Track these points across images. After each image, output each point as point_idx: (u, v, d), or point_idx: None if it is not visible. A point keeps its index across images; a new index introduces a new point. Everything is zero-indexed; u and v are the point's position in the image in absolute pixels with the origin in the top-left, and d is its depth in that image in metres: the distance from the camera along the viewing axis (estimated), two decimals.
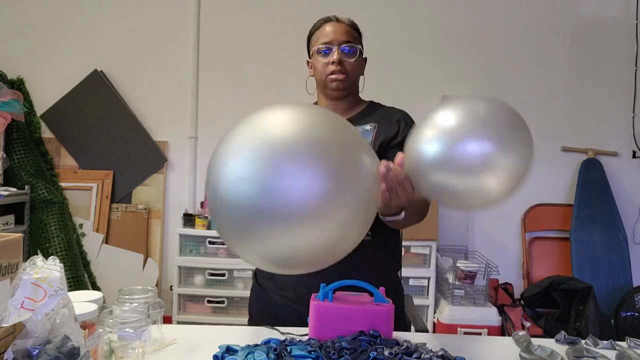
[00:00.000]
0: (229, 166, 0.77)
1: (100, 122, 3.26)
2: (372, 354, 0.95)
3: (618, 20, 3.23)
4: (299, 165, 0.75)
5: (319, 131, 0.81)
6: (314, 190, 0.75)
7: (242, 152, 0.77)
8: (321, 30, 1.37)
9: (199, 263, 2.95)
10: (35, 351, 0.73)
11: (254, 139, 0.78)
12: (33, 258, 0.84)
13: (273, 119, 0.83)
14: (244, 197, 0.73)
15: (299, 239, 0.76)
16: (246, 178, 0.74)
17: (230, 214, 0.75)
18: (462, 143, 0.88)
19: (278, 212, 0.73)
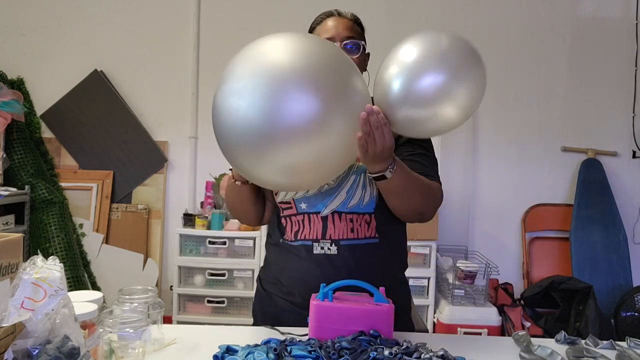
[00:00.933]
0: (234, 96, 0.87)
1: (100, 122, 3.26)
2: (372, 354, 0.95)
3: (618, 20, 3.23)
4: (296, 91, 0.85)
5: (314, 58, 0.89)
6: (307, 113, 0.86)
7: (246, 83, 0.87)
8: (323, 25, 1.34)
9: (199, 263, 2.95)
10: (35, 351, 0.73)
11: (255, 70, 0.87)
12: (33, 258, 0.84)
13: (272, 47, 0.92)
14: (250, 122, 0.85)
15: (294, 155, 0.86)
16: (250, 105, 0.84)
17: (237, 138, 0.88)
18: (421, 78, 0.97)
19: (277, 133, 0.84)
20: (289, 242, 1.30)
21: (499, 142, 3.27)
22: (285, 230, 1.31)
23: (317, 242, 1.27)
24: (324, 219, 1.27)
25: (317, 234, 1.27)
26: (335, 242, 1.26)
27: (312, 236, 1.27)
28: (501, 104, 3.27)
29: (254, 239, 2.93)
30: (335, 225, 1.26)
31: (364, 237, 1.27)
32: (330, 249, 1.26)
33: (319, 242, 1.27)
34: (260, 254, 2.91)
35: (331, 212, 1.27)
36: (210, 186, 3.12)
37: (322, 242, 1.27)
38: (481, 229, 3.27)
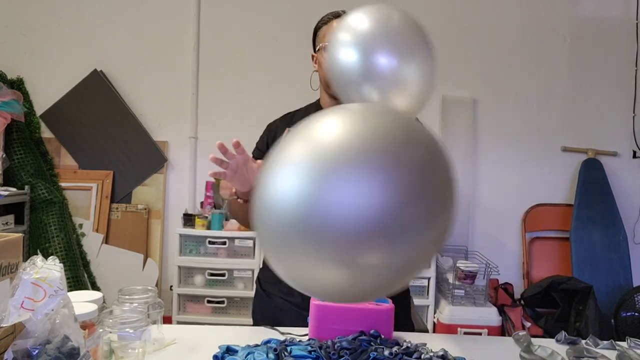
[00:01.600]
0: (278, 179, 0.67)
1: (100, 122, 3.26)
2: (372, 354, 0.95)
3: (618, 20, 3.23)
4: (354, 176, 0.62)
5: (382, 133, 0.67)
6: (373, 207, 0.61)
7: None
8: (329, 26, 1.34)
9: (199, 263, 2.95)
10: (35, 351, 0.73)
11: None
12: (33, 258, 0.84)
13: (327, 126, 0.69)
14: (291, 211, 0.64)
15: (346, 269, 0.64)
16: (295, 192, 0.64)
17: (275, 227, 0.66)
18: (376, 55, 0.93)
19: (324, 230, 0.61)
20: None
21: (499, 142, 3.27)
22: None
23: None
24: None
25: None
26: None
27: None
28: (501, 104, 3.27)
29: (253, 239, 2.93)
30: None
31: None
32: None
33: None
34: (260, 254, 2.91)
35: None
36: (210, 186, 3.12)
37: None
38: (481, 229, 3.27)
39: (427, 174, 0.65)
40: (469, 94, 3.25)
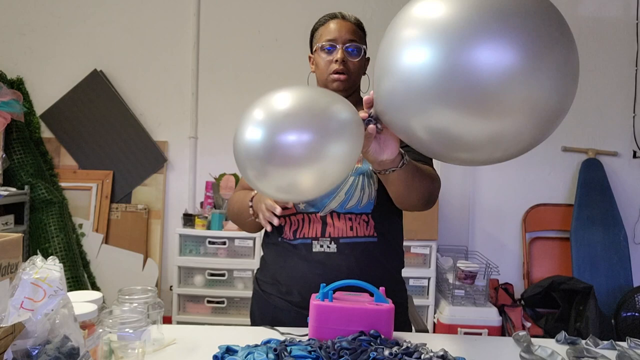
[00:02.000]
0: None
1: (100, 122, 3.26)
2: (372, 354, 0.95)
3: (618, 20, 3.23)
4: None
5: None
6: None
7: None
8: (326, 27, 1.34)
9: (199, 263, 2.95)
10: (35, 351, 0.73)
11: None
12: (33, 258, 0.84)
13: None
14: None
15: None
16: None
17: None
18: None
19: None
20: (287, 241, 1.30)
21: None
22: (283, 229, 1.32)
23: (317, 240, 1.27)
24: (323, 218, 1.28)
25: (316, 232, 1.27)
26: (335, 240, 1.27)
27: (312, 234, 1.27)
28: None
29: (253, 239, 2.93)
30: (335, 224, 1.27)
31: (363, 236, 1.28)
32: (330, 247, 1.26)
33: (319, 240, 1.27)
34: (260, 254, 2.90)
35: (330, 212, 1.27)
36: (210, 186, 3.12)
37: (321, 240, 1.27)
38: (481, 229, 3.27)
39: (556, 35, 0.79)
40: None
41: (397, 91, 0.82)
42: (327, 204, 1.27)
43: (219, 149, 3.27)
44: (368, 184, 1.27)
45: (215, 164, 3.23)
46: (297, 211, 1.29)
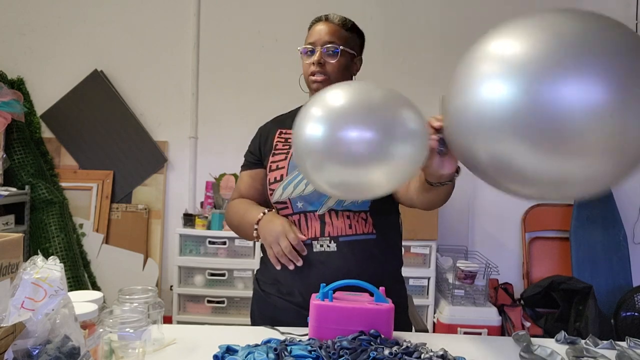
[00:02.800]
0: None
1: (100, 122, 3.26)
2: (372, 354, 0.95)
3: (618, 20, 3.23)
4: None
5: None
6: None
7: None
8: (310, 30, 1.37)
9: (199, 263, 2.95)
10: (36, 351, 0.73)
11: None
12: (33, 258, 0.84)
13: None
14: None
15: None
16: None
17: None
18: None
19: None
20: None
21: None
22: None
23: (317, 240, 1.27)
24: (321, 216, 1.28)
25: (315, 232, 1.28)
26: (335, 239, 1.27)
27: (311, 234, 1.28)
28: None
29: None
30: (333, 222, 1.27)
31: (362, 233, 1.28)
32: (330, 246, 1.27)
33: (318, 240, 1.27)
34: (260, 254, 2.91)
35: (328, 210, 1.27)
36: (210, 186, 3.12)
37: (321, 240, 1.27)
38: (481, 229, 3.27)
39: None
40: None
41: (470, 121, 0.80)
42: (324, 202, 1.28)
43: (219, 149, 3.27)
44: None
45: (215, 164, 3.23)
46: (294, 211, 1.29)
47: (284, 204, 1.31)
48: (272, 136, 1.41)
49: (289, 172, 1.32)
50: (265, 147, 1.41)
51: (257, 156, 1.44)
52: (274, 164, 1.35)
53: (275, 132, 1.42)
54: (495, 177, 0.85)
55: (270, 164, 1.36)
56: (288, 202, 1.30)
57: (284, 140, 1.39)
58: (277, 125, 1.45)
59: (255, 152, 1.45)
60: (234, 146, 3.24)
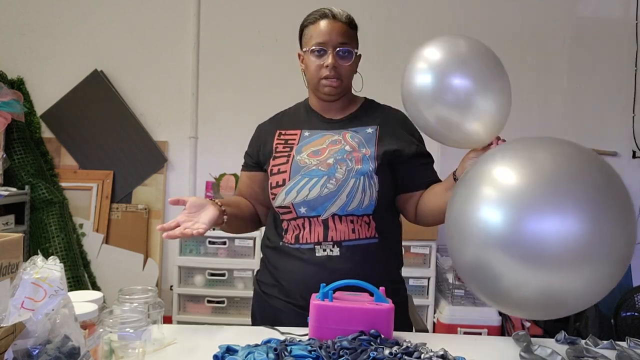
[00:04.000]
0: (480, 214, 0.90)
1: (100, 122, 3.26)
2: (372, 354, 0.95)
3: (618, 20, 3.23)
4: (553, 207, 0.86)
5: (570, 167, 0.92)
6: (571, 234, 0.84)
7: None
8: (316, 26, 1.30)
9: (199, 263, 2.95)
10: (36, 351, 0.73)
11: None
12: (33, 258, 0.84)
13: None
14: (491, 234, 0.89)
15: (549, 282, 0.85)
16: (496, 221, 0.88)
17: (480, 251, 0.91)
18: (451, 76, 1.07)
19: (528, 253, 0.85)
20: (289, 245, 1.30)
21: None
22: (285, 233, 1.31)
23: (319, 244, 1.26)
24: (324, 221, 1.27)
25: (318, 236, 1.27)
26: (338, 244, 1.26)
27: (314, 239, 1.27)
28: None
29: (253, 239, 2.93)
30: (337, 227, 1.26)
31: (365, 237, 1.27)
32: (333, 251, 1.26)
33: (321, 245, 1.26)
34: (260, 254, 2.90)
35: (331, 215, 1.26)
36: (210, 186, 3.12)
37: (324, 245, 1.26)
38: None
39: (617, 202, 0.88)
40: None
41: (465, 230, 0.93)
42: (328, 207, 1.26)
43: (219, 149, 3.27)
44: (369, 185, 1.27)
45: (215, 164, 3.23)
46: (297, 215, 1.28)
47: (287, 208, 1.29)
48: (271, 138, 1.39)
49: (292, 177, 1.29)
50: (265, 150, 1.39)
51: (254, 159, 1.42)
52: (275, 167, 1.33)
53: (274, 134, 1.39)
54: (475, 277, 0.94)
55: (272, 168, 1.33)
56: (291, 206, 1.28)
57: (284, 142, 1.36)
58: (275, 125, 1.42)
59: (253, 155, 1.43)
60: (234, 146, 3.24)
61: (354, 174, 1.26)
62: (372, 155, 1.29)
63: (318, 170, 1.27)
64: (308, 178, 1.27)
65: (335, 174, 1.26)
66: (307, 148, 1.32)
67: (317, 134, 1.34)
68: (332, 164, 1.27)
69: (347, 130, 1.34)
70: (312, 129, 1.36)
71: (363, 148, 1.30)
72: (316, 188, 1.26)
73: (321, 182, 1.26)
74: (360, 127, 1.35)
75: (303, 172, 1.28)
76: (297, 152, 1.32)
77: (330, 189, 1.25)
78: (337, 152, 1.29)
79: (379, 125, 1.35)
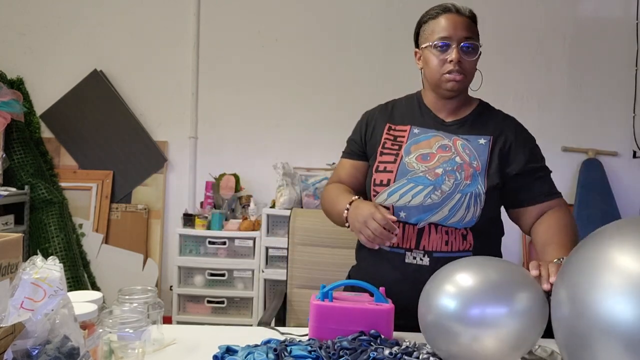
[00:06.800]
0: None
1: (100, 122, 3.26)
2: (372, 354, 0.95)
3: (618, 20, 3.23)
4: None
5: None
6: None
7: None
8: (437, 21, 1.28)
9: (199, 263, 2.95)
10: (35, 351, 0.73)
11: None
12: (33, 258, 0.84)
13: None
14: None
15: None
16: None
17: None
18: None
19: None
20: (381, 247, 1.27)
21: None
22: None
23: (410, 251, 1.25)
24: (420, 229, 1.25)
25: (410, 243, 1.25)
26: (428, 254, 1.25)
27: (406, 245, 1.26)
28: (501, 104, 3.25)
29: (253, 239, 2.93)
30: (430, 237, 1.25)
31: (457, 250, 1.25)
32: (423, 260, 1.25)
33: (412, 252, 1.25)
34: (260, 254, 2.91)
35: (428, 224, 1.25)
36: (210, 186, 3.12)
37: (414, 252, 1.25)
38: None
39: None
40: (468, 94, 3.25)
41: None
42: (427, 218, 1.24)
43: (219, 149, 3.27)
44: (474, 202, 1.24)
45: (215, 164, 3.22)
46: (395, 219, 1.25)
47: (387, 209, 1.26)
48: (380, 130, 1.35)
49: (397, 178, 1.27)
50: (371, 141, 1.35)
51: (360, 147, 1.39)
52: (381, 164, 1.30)
53: (384, 127, 1.35)
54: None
55: (378, 164, 1.30)
56: (391, 208, 1.26)
57: (393, 139, 1.33)
58: (385, 117, 1.38)
59: (359, 143, 1.39)
60: (234, 146, 3.25)
61: (461, 188, 1.24)
62: (482, 172, 1.26)
63: (425, 179, 1.25)
64: (414, 184, 1.25)
65: (442, 186, 1.24)
66: (415, 149, 1.29)
67: (427, 134, 1.31)
68: (441, 174, 1.25)
69: (457, 136, 1.31)
70: (422, 126, 1.33)
71: (474, 161, 1.27)
72: (419, 196, 1.24)
73: (426, 192, 1.24)
74: (472, 136, 1.31)
75: (409, 177, 1.26)
76: (406, 153, 1.29)
77: (434, 200, 1.23)
78: (447, 162, 1.26)
79: (492, 135, 1.32)
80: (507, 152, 1.31)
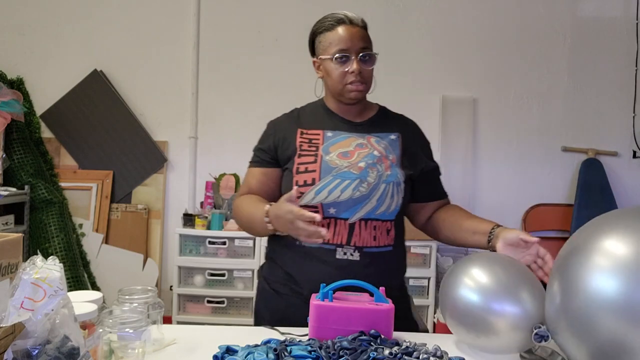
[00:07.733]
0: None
1: (100, 122, 3.26)
2: (372, 354, 0.95)
3: (618, 20, 3.23)
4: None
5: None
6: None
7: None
8: (333, 33, 1.30)
9: (199, 263, 2.95)
10: (35, 351, 0.73)
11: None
12: (33, 258, 0.84)
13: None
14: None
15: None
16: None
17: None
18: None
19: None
20: (308, 245, 1.27)
21: (499, 141, 3.27)
22: None
23: (341, 247, 1.27)
24: (351, 225, 1.27)
25: (342, 239, 1.27)
26: (359, 249, 1.27)
27: (337, 241, 1.27)
28: (501, 104, 3.27)
29: (253, 239, 2.93)
30: (361, 233, 1.27)
31: (383, 245, 1.30)
32: (353, 255, 1.27)
33: (343, 248, 1.27)
34: (260, 254, 2.91)
35: (358, 220, 1.27)
36: (210, 186, 3.12)
37: (345, 248, 1.27)
38: None
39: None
40: (469, 94, 3.25)
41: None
42: (358, 211, 1.27)
43: (219, 149, 3.27)
44: (397, 191, 1.30)
45: (215, 164, 3.23)
46: (324, 216, 1.27)
47: (314, 208, 1.27)
48: (291, 135, 1.36)
49: (322, 176, 1.28)
50: (283, 146, 1.36)
51: (271, 155, 1.38)
52: (302, 165, 1.31)
53: (296, 132, 1.36)
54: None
55: (298, 166, 1.31)
56: (320, 206, 1.27)
57: (308, 141, 1.34)
58: (294, 123, 1.39)
59: (269, 151, 1.39)
60: (234, 146, 3.25)
61: (384, 179, 1.28)
62: (397, 164, 1.33)
63: (350, 173, 1.28)
64: (340, 179, 1.28)
65: (367, 178, 1.27)
66: (334, 148, 1.32)
67: (341, 135, 1.35)
68: (364, 168, 1.28)
69: (370, 134, 1.36)
70: (334, 129, 1.36)
71: (390, 154, 1.33)
72: (348, 190, 1.26)
73: (353, 185, 1.26)
74: (383, 133, 1.37)
75: (335, 173, 1.28)
76: (325, 152, 1.31)
77: (362, 192, 1.27)
78: (367, 156, 1.30)
79: (399, 132, 1.38)
80: (412, 149, 1.38)
